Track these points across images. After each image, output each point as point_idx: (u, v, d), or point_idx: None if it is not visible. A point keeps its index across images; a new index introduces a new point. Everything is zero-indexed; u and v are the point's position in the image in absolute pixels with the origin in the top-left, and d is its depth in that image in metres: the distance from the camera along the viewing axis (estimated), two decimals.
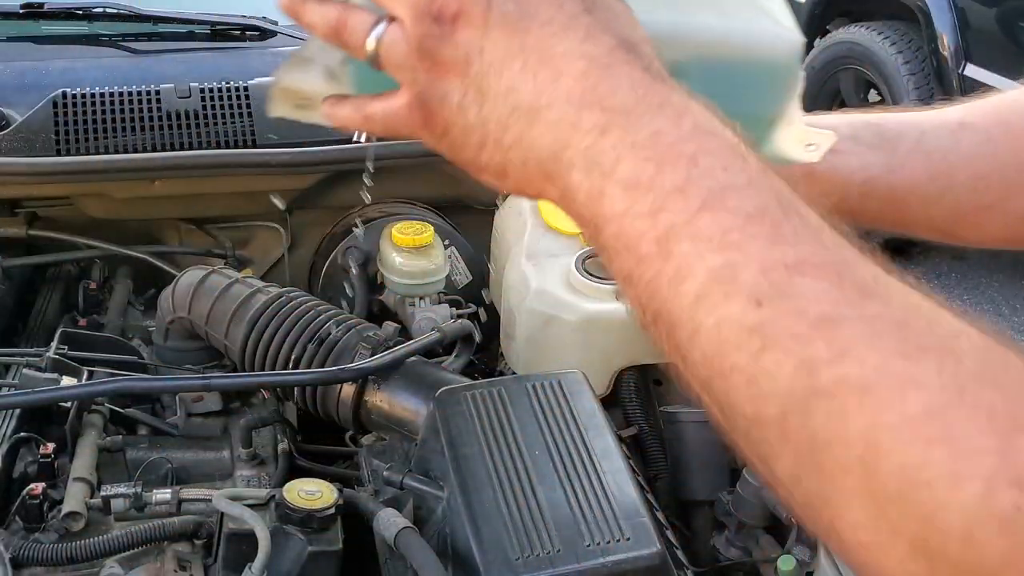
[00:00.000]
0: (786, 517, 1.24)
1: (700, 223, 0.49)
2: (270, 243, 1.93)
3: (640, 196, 0.51)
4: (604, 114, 0.53)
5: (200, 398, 1.49)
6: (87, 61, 1.97)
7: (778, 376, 0.47)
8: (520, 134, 0.56)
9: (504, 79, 0.56)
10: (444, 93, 0.58)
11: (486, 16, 0.55)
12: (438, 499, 1.18)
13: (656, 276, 0.51)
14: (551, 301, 1.51)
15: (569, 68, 0.54)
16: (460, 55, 0.56)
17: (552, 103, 0.54)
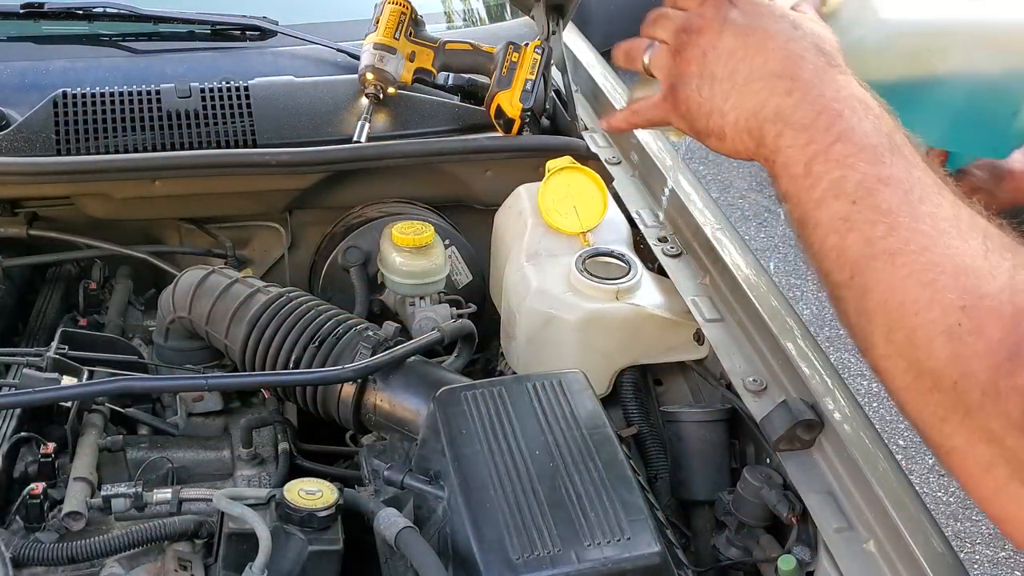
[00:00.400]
0: (786, 517, 1.24)
1: (832, 150, 0.74)
2: (270, 243, 1.93)
3: (801, 134, 0.77)
4: (792, 83, 0.79)
5: (200, 398, 1.49)
6: (87, 61, 1.97)
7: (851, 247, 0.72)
8: (735, 102, 0.82)
9: (728, 65, 0.82)
10: (687, 79, 0.86)
11: (722, 26, 0.84)
12: (438, 499, 1.18)
13: (799, 190, 0.76)
14: (551, 301, 1.51)
15: (774, 55, 0.80)
16: (699, 52, 0.84)
17: (759, 77, 0.80)
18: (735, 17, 0.84)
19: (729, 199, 5.11)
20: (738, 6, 0.85)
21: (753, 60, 0.81)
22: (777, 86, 0.79)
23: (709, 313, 1.51)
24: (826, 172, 0.74)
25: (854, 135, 0.74)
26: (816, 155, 0.75)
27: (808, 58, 0.80)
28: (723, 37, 0.83)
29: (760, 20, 0.84)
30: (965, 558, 2.89)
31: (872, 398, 3.69)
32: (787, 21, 0.84)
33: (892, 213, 0.70)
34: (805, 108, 0.77)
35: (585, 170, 1.69)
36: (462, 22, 2.48)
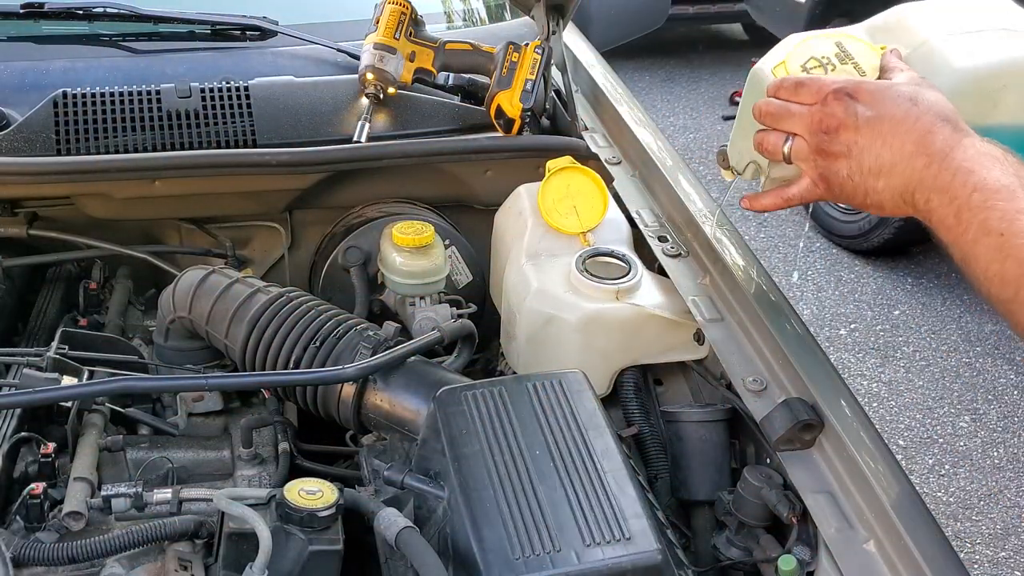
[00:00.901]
0: (786, 517, 1.24)
1: (972, 199, 0.93)
2: (270, 243, 1.93)
3: (944, 195, 0.95)
4: (928, 157, 0.97)
5: (200, 398, 1.49)
6: (87, 61, 1.97)
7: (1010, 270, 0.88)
8: (886, 183, 1.01)
9: (872, 155, 1.00)
10: (837, 170, 1.04)
11: (857, 123, 1.01)
12: (439, 499, 1.18)
13: (955, 237, 0.95)
14: (551, 301, 1.51)
15: (908, 138, 0.98)
16: (843, 148, 1.03)
17: (900, 159, 0.99)
18: (863, 112, 1.01)
19: (729, 199, 5.11)
20: (860, 100, 1.02)
21: (892, 146, 0.99)
22: (916, 163, 0.97)
23: (709, 313, 1.51)
24: (973, 217, 0.92)
25: (987, 183, 0.92)
26: (961, 208, 0.93)
27: (936, 131, 0.98)
28: (860, 133, 1.01)
29: (885, 107, 1.00)
30: (965, 558, 2.89)
31: (872, 398, 3.70)
32: (906, 100, 1.00)
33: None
34: (943, 175, 0.95)
35: (585, 170, 1.69)
36: (462, 22, 2.48)
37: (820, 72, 1.16)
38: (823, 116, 1.04)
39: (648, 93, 6.62)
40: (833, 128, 1.03)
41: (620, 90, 2.17)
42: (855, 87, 1.04)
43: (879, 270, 4.51)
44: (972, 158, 0.95)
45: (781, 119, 1.09)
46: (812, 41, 1.20)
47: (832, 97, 1.04)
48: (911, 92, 1.02)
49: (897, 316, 4.20)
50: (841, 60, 1.18)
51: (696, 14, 7.02)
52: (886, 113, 1.00)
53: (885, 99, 1.01)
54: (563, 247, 1.62)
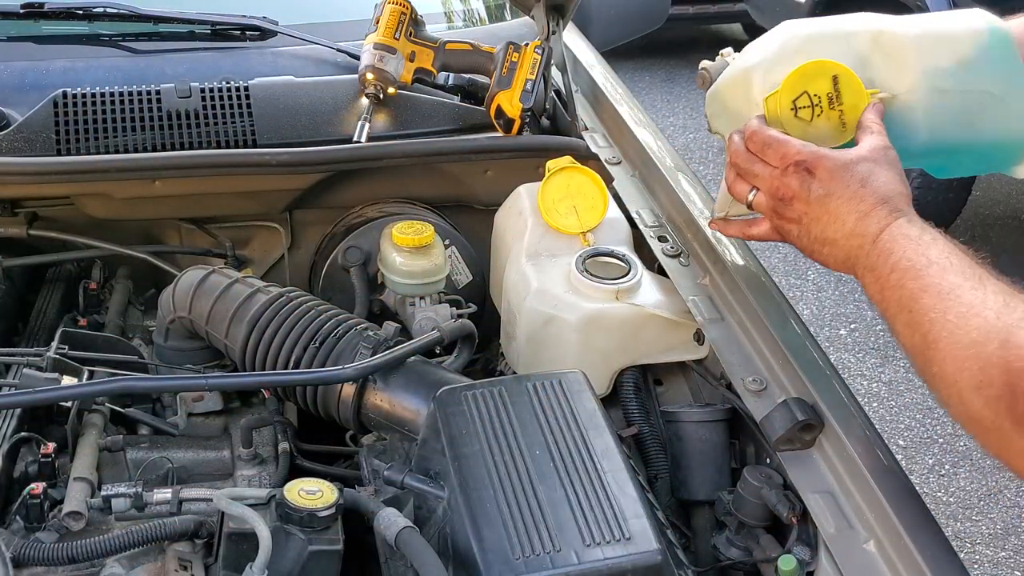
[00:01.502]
0: (786, 517, 1.24)
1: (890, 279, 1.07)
2: (270, 243, 1.93)
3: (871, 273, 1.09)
4: (862, 239, 1.10)
5: (200, 398, 1.49)
6: (87, 61, 1.97)
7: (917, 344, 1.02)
8: (830, 252, 1.15)
9: (819, 228, 1.15)
10: (789, 230, 1.20)
11: (809, 197, 1.14)
12: (439, 499, 1.18)
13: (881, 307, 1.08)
14: (551, 301, 1.51)
15: (850, 218, 1.12)
16: (796, 215, 1.17)
17: (841, 238, 1.13)
18: (816, 189, 1.14)
19: None
20: (816, 176, 1.14)
21: (835, 225, 1.12)
22: (853, 242, 1.11)
23: (709, 313, 1.51)
24: (891, 295, 1.06)
25: (901, 263, 1.05)
26: (883, 286, 1.07)
27: (873, 213, 1.10)
28: (811, 206, 1.14)
29: (835, 187, 1.12)
30: (965, 558, 2.89)
31: (872, 398, 3.70)
32: (857, 182, 1.12)
33: (932, 312, 0.99)
34: (872, 255, 1.09)
35: (585, 170, 1.69)
36: (462, 22, 2.48)
37: (807, 114, 1.24)
38: (780, 185, 1.17)
39: (648, 93, 6.62)
40: (788, 197, 1.16)
41: (620, 90, 2.17)
42: (814, 162, 1.15)
43: None
44: (895, 239, 1.07)
45: (747, 173, 1.22)
46: (811, 71, 1.24)
47: (792, 168, 1.15)
48: (864, 174, 1.13)
49: None
50: (830, 104, 1.24)
51: (696, 14, 7.02)
52: (835, 192, 1.12)
53: (837, 179, 1.13)
54: (563, 247, 1.62)
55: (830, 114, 1.24)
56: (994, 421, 0.90)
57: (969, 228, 4.72)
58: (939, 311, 0.98)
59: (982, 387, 0.91)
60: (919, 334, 1.00)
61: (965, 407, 0.95)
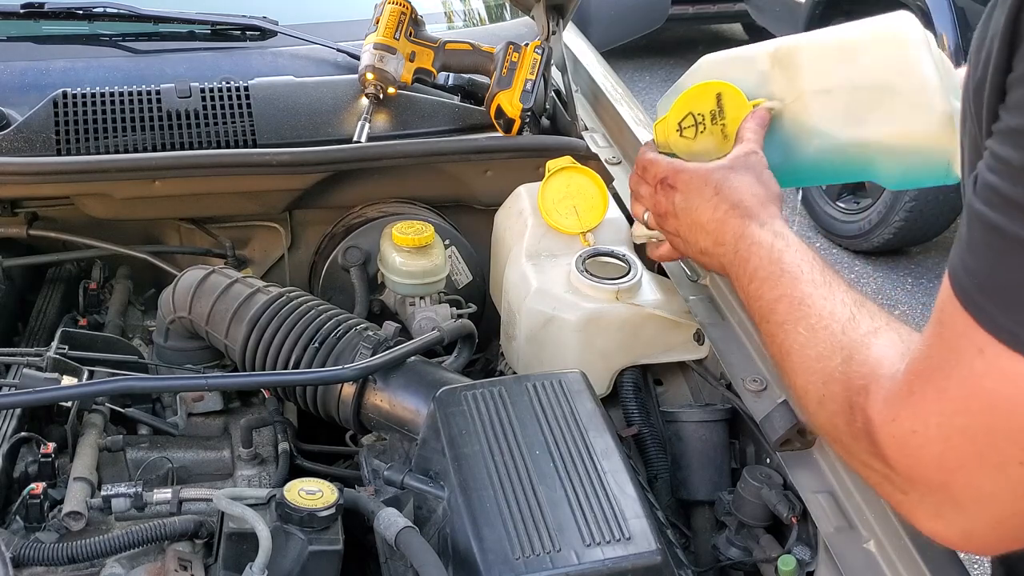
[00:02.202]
0: (786, 517, 1.24)
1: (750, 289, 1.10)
2: (270, 243, 1.93)
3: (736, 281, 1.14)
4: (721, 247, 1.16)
5: (200, 398, 1.49)
6: (87, 61, 1.97)
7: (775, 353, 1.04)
8: (708, 260, 1.21)
9: (692, 238, 1.21)
10: (676, 244, 1.27)
11: (676, 211, 1.22)
12: (438, 499, 1.18)
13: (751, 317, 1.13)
14: (551, 301, 1.51)
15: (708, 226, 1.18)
16: (672, 229, 1.25)
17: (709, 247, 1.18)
18: (679, 202, 1.21)
19: None
20: (677, 189, 1.22)
21: (700, 233, 1.19)
22: (718, 251, 1.16)
23: (709, 313, 1.51)
24: (752, 304, 1.10)
25: (758, 273, 1.09)
26: (746, 295, 1.11)
27: (727, 221, 1.15)
28: (680, 220, 1.22)
29: (692, 199, 1.19)
30: (965, 558, 2.89)
31: None
32: (711, 191, 1.18)
33: (787, 323, 1.01)
34: (735, 263, 1.13)
35: (585, 170, 1.69)
36: (462, 22, 2.48)
37: (691, 133, 1.31)
38: (655, 203, 1.26)
39: (648, 93, 6.62)
40: (662, 213, 1.25)
41: (620, 90, 2.17)
42: (674, 177, 1.23)
43: (879, 270, 4.51)
44: (749, 248, 1.12)
45: (635, 195, 1.32)
46: (696, 92, 1.31)
47: (660, 186, 1.24)
48: (717, 181, 1.18)
49: (897, 316, 4.19)
50: (712, 120, 1.30)
51: (696, 14, 7.02)
52: (693, 204, 1.20)
53: (693, 190, 1.20)
54: (563, 247, 1.62)
55: (712, 129, 1.29)
56: (834, 435, 0.92)
57: None
58: (792, 322, 1.00)
59: (824, 401, 0.92)
60: (775, 344, 1.02)
61: (811, 418, 0.97)
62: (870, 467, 0.86)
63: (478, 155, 1.85)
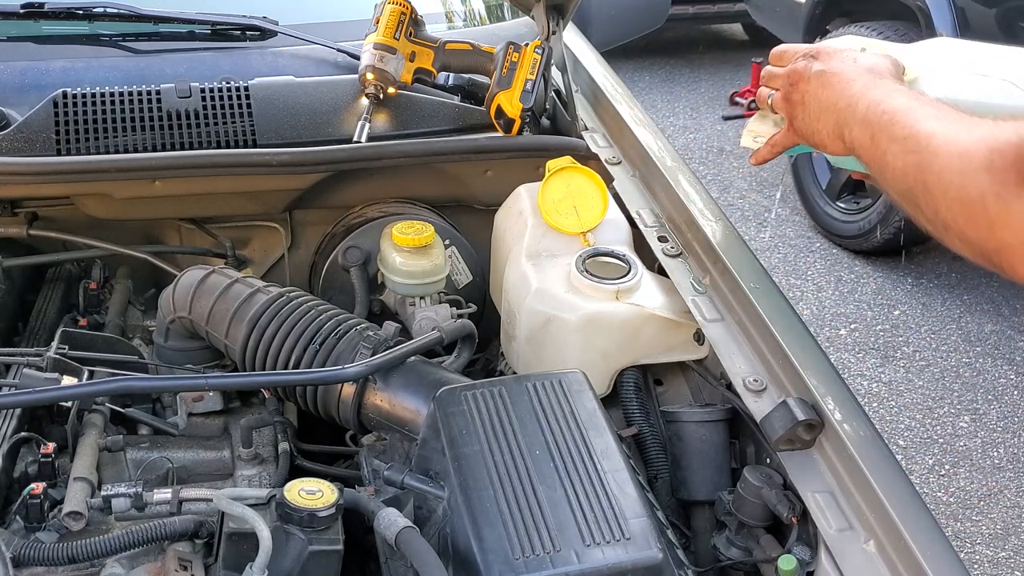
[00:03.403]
0: (786, 517, 1.24)
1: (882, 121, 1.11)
2: (270, 243, 1.93)
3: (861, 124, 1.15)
4: (849, 99, 1.18)
5: (200, 398, 1.49)
6: (87, 61, 1.97)
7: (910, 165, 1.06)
8: (823, 123, 1.22)
9: (815, 100, 1.23)
10: (795, 115, 1.27)
11: (809, 76, 1.24)
12: (439, 499, 1.18)
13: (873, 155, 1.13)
14: (551, 301, 1.51)
15: (838, 86, 1.20)
16: (800, 96, 1.26)
17: (830, 104, 1.21)
18: (816, 66, 1.25)
19: (729, 199, 5.11)
20: (818, 58, 1.26)
21: (827, 93, 1.22)
22: (841, 104, 1.20)
23: (709, 313, 1.51)
24: (882, 133, 1.11)
25: (893, 107, 1.12)
26: (874, 130, 1.12)
27: (857, 79, 1.20)
28: (810, 83, 1.25)
29: (831, 63, 1.24)
30: (965, 558, 2.89)
31: (872, 398, 3.70)
32: (849, 59, 1.24)
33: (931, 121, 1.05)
34: (860, 109, 1.16)
35: (585, 170, 1.69)
36: (462, 22, 2.48)
37: None
38: (791, 72, 1.29)
39: (648, 93, 6.62)
40: (795, 81, 1.28)
41: (620, 90, 2.17)
42: (817, 49, 1.29)
43: (879, 270, 4.51)
44: (882, 94, 1.16)
45: (770, 78, 1.36)
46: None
47: (800, 57, 1.29)
48: (856, 55, 1.26)
49: (897, 316, 4.20)
50: None
51: (696, 14, 7.01)
52: (829, 68, 1.24)
53: (833, 58, 1.25)
54: (563, 247, 1.62)
55: None
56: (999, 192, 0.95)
57: None
58: (939, 122, 1.05)
59: (992, 163, 0.95)
60: (914, 152, 1.05)
61: (965, 190, 0.99)
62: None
63: (478, 155, 1.85)
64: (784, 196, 5.03)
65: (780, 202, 5.12)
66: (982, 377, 3.81)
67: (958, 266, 4.48)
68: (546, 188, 1.65)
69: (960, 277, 4.42)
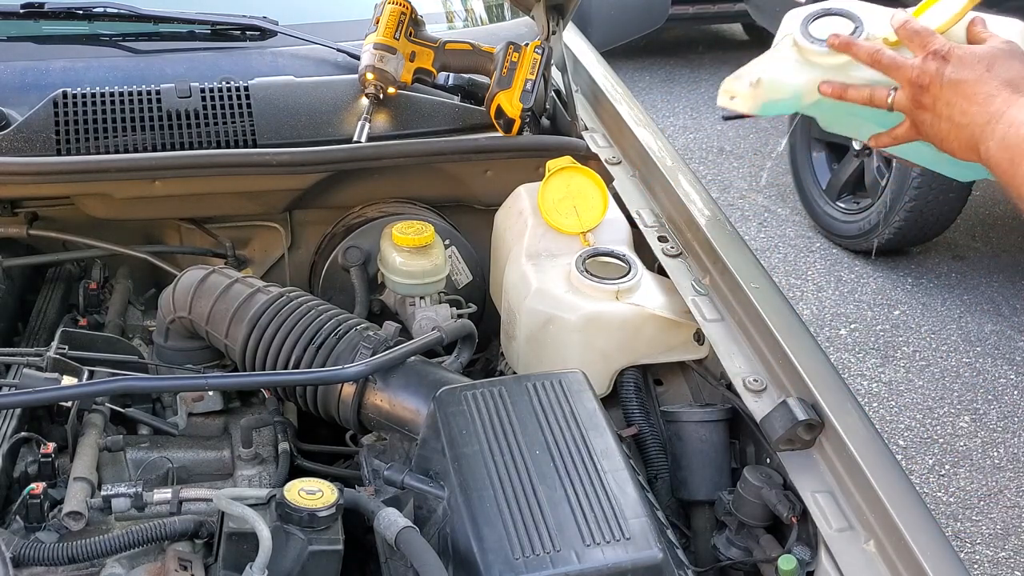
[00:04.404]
0: (786, 517, 1.24)
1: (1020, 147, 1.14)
2: (270, 243, 1.93)
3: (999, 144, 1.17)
4: (988, 115, 1.18)
5: (200, 398, 1.49)
6: (87, 61, 1.97)
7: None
8: (956, 134, 1.22)
9: (949, 109, 1.23)
10: (924, 119, 1.26)
11: (942, 82, 1.23)
12: (439, 499, 1.18)
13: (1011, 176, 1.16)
14: (551, 301, 1.51)
15: (976, 99, 1.20)
16: (930, 101, 1.25)
17: (968, 118, 1.21)
18: (949, 72, 1.23)
19: (729, 199, 5.11)
20: (950, 62, 1.23)
21: (963, 105, 1.21)
22: (979, 120, 1.19)
23: (709, 313, 1.51)
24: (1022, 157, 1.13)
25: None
26: (1014, 153, 1.14)
27: (997, 94, 1.19)
28: (943, 90, 1.23)
29: (964, 71, 1.22)
30: (965, 558, 2.89)
31: (872, 398, 3.70)
32: (983, 65, 1.22)
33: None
34: (999, 128, 1.17)
35: (585, 170, 1.69)
36: (462, 22, 2.48)
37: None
38: (920, 72, 1.25)
39: (648, 93, 6.62)
40: (926, 84, 1.25)
41: (620, 90, 2.17)
42: (949, 51, 1.25)
43: (879, 270, 4.50)
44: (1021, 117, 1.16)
45: (892, 68, 1.30)
46: None
47: (931, 56, 1.24)
48: (992, 59, 1.22)
49: (897, 316, 4.20)
50: None
51: (696, 14, 7.01)
52: (964, 77, 1.22)
53: (967, 63, 1.22)
54: (563, 247, 1.62)
55: None
56: None
57: (969, 228, 4.72)
58: None
59: None
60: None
61: None
62: None
63: (478, 155, 1.85)
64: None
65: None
66: (982, 377, 3.81)
67: (958, 266, 4.48)
68: (546, 188, 1.65)
69: (960, 277, 4.42)
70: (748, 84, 1.37)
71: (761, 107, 1.40)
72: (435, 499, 1.19)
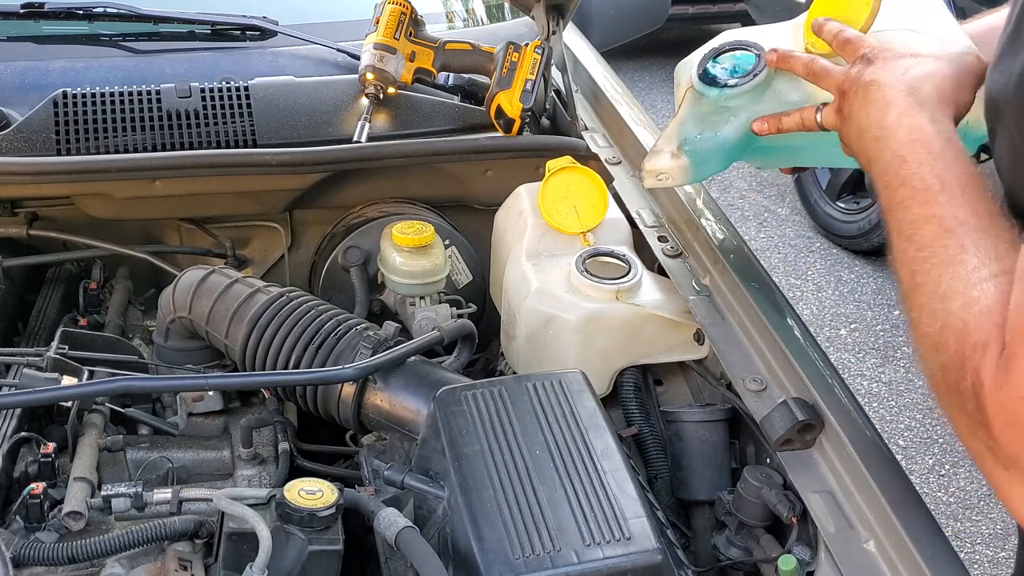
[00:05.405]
0: (786, 517, 1.24)
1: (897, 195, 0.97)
2: (270, 243, 1.93)
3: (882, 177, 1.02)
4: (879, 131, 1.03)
5: (200, 398, 1.49)
6: (87, 61, 1.97)
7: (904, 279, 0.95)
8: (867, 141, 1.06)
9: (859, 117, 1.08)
10: (843, 131, 1.13)
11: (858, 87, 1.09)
12: (439, 499, 1.18)
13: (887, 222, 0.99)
14: (551, 301, 1.51)
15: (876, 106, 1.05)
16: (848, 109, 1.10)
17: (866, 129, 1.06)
18: (867, 74, 1.08)
19: (729, 199, 5.11)
20: (874, 62, 1.09)
21: (867, 112, 1.07)
22: (871, 133, 1.05)
23: (709, 313, 1.51)
24: (895, 215, 0.98)
25: (911, 180, 0.97)
26: (890, 201, 0.99)
27: (896, 103, 1.03)
28: (858, 96, 1.09)
29: (881, 72, 1.07)
30: (965, 558, 2.89)
31: (872, 398, 3.70)
32: (901, 67, 1.07)
33: (928, 248, 0.91)
34: (885, 155, 1.02)
35: (585, 170, 1.69)
36: (462, 22, 2.48)
37: None
38: (844, 79, 1.12)
39: (648, 93, 6.62)
40: (845, 90, 1.12)
41: (620, 90, 2.17)
42: (876, 54, 1.11)
43: (879, 270, 4.50)
44: (911, 144, 0.99)
45: (822, 76, 1.17)
46: None
47: (858, 60, 1.11)
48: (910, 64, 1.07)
49: (897, 316, 4.20)
50: None
51: (696, 14, 7.01)
52: (878, 78, 1.07)
53: (887, 68, 1.08)
54: (563, 247, 1.62)
55: None
56: (943, 389, 0.85)
57: None
58: (932, 251, 0.90)
59: (939, 349, 0.84)
60: (909, 270, 0.93)
61: (924, 364, 0.89)
62: (974, 434, 0.79)
63: (478, 155, 1.85)
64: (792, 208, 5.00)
65: None
66: None
67: None
68: (546, 188, 1.65)
69: None
70: (669, 156, 1.28)
71: (694, 174, 1.31)
72: (435, 499, 1.19)
